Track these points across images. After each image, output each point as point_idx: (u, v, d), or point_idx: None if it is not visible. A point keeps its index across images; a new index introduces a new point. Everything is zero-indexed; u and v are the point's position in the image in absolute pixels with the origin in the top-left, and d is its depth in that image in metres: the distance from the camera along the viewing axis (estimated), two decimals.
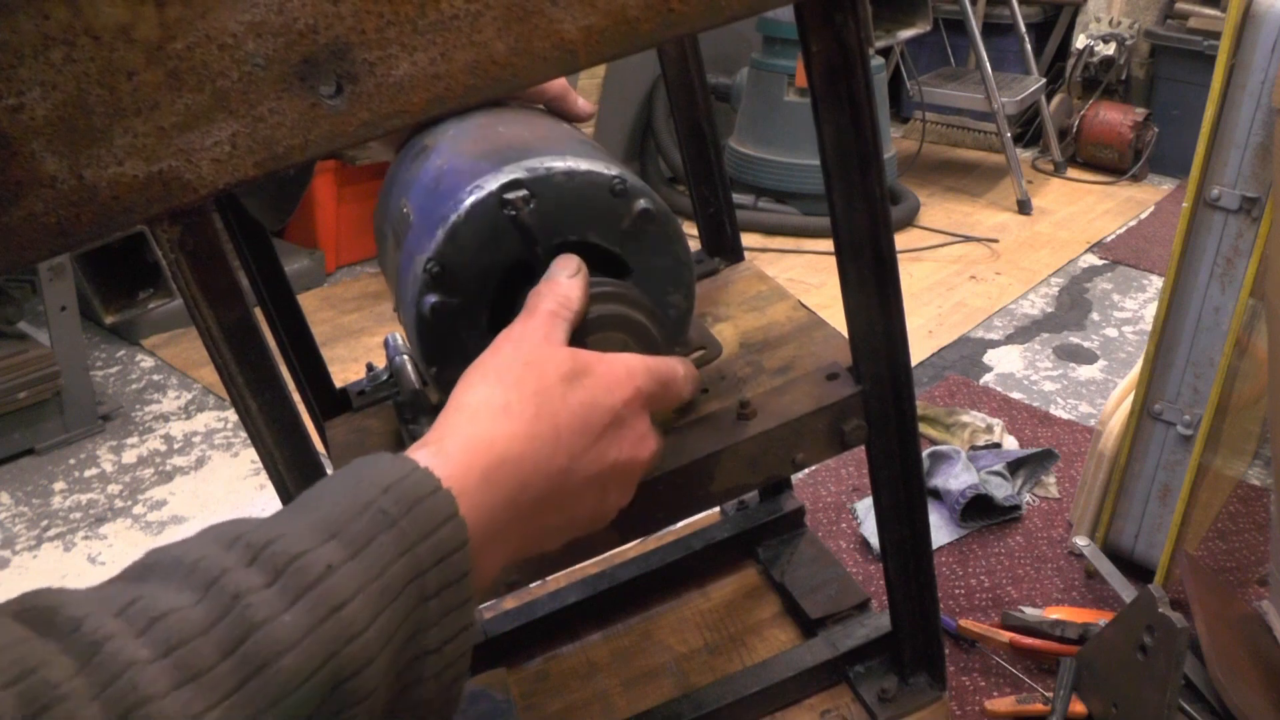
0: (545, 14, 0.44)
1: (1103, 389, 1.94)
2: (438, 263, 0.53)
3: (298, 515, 0.39)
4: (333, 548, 0.37)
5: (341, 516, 0.39)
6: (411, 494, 0.40)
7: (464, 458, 0.43)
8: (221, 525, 0.38)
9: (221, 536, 0.37)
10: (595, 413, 0.48)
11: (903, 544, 0.72)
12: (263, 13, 0.43)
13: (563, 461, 0.46)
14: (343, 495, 0.40)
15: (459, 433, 0.45)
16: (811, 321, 0.77)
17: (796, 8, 0.52)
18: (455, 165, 0.57)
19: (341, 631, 0.35)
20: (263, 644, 0.33)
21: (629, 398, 0.50)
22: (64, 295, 1.70)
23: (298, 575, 0.36)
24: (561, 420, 0.47)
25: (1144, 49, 3.34)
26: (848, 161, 0.57)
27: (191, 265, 0.50)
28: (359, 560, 0.37)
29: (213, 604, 0.34)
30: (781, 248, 2.63)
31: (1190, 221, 1.17)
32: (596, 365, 0.50)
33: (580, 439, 0.47)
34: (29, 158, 0.43)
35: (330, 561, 0.37)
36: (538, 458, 0.45)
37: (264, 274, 0.80)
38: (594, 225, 0.56)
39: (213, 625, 0.33)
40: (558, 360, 0.48)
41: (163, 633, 0.32)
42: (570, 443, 0.47)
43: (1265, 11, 1.08)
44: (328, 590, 0.36)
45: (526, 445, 0.45)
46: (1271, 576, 1.19)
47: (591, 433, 0.48)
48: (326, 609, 0.35)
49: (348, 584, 0.36)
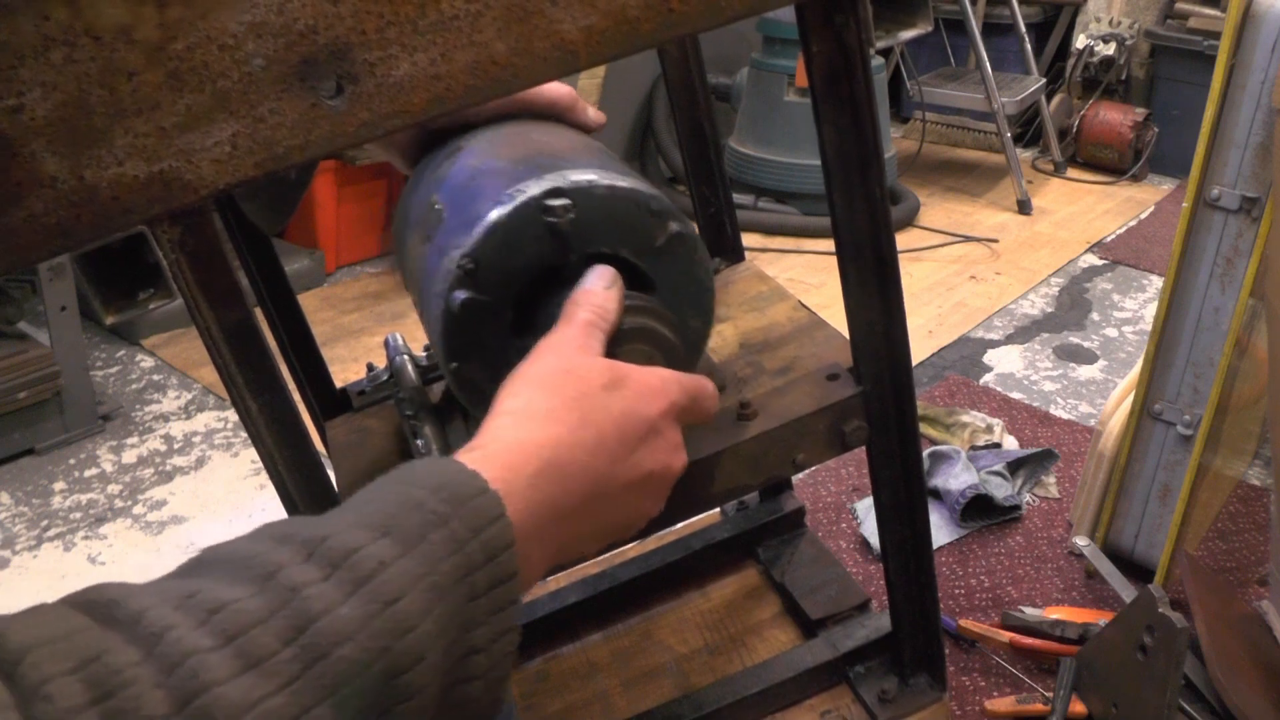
0: (545, 14, 0.44)
1: (1103, 389, 1.94)
2: (472, 259, 0.54)
3: (349, 514, 0.40)
4: (386, 544, 0.38)
5: (393, 515, 0.39)
6: (461, 494, 0.41)
7: (510, 460, 0.44)
8: (274, 524, 0.39)
9: (275, 534, 0.38)
10: (633, 421, 0.49)
11: (903, 544, 0.72)
12: (263, 13, 0.43)
13: (604, 467, 0.47)
14: (394, 495, 0.41)
15: (504, 436, 0.46)
16: (812, 322, 0.77)
17: (797, 8, 0.52)
18: (492, 167, 0.58)
19: (396, 625, 0.36)
20: (322, 634, 0.34)
21: (664, 409, 0.51)
22: (64, 295, 1.69)
23: (353, 570, 0.36)
24: (604, 427, 0.48)
25: (1144, 49, 3.34)
26: (848, 162, 0.57)
27: (192, 266, 0.50)
28: (411, 557, 0.38)
29: (271, 596, 0.34)
30: (781, 248, 2.63)
31: (1190, 221, 1.17)
32: (634, 375, 0.51)
33: (620, 446, 0.48)
34: (29, 158, 0.43)
35: (384, 558, 0.37)
36: (581, 462, 0.46)
37: (264, 274, 0.80)
38: (627, 241, 0.57)
39: (272, 615, 0.34)
40: (598, 369, 0.50)
41: (222, 623, 0.33)
42: (611, 449, 0.48)
43: (1265, 11, 1.08)
44: (382, 585, 0.36)
45: (571, 450, 0.46)
46: (1271, 576, 1.19)
47: (630, 440, 0.49)
48: (381, 603, 0.36)
49: (401, 579, 0.37)
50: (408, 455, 0.72)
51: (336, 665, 0.34)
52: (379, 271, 2.56)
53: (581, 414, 0.47)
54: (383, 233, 2.62)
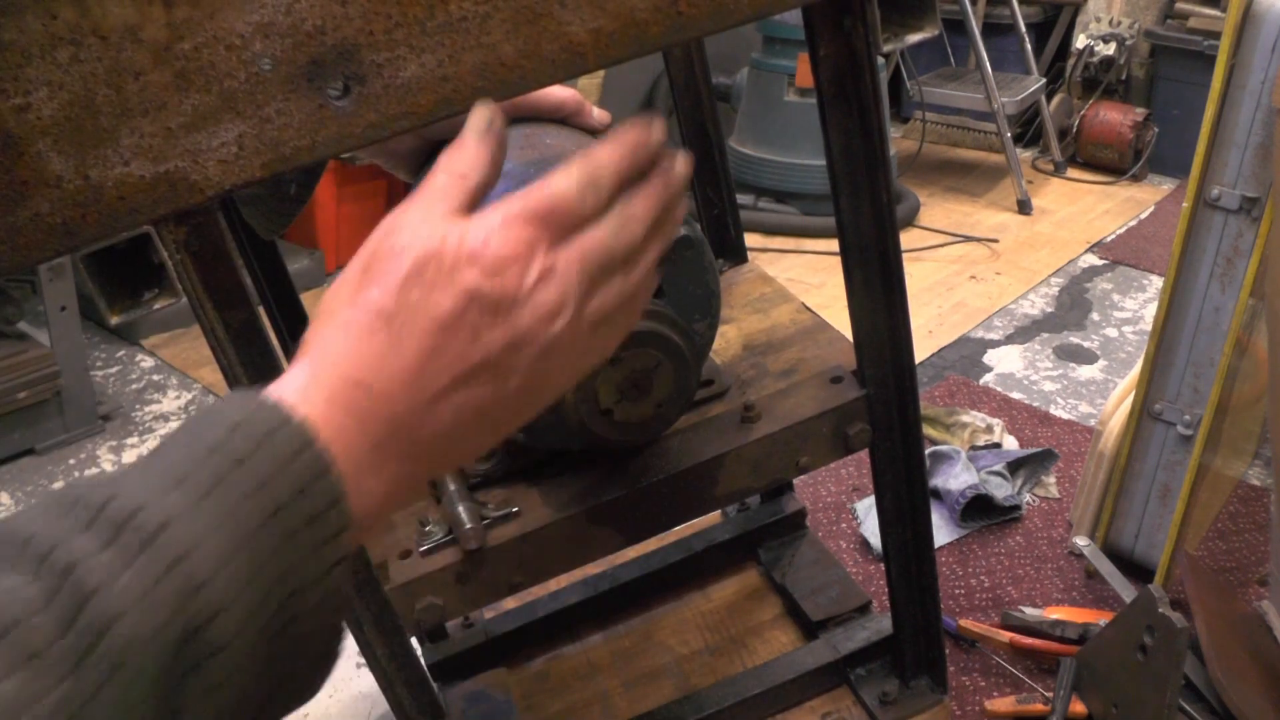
0: (554, 16, 0.44)
1: (1103, 389, 1.95)
2: None
3: (143, 467, 0.38)
4: (175, 498, 0.35)
5: (186, 463, 0.37)
6: (260, 429, 0.38)
7: (309, 387, 0.40)
8: (64, 487, 0.37)
9: (61, 500, 0.36)
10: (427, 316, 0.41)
11: (905, 546, 0.72)
12: (270, 14, 0.43)
13: (412, 367, 0.41)
14: (189, 441, 0.38)
15: (304, 363, 0.42)
16: (815, 324, 0.77)
17: (805, 11, 0.52)
18: (504, 169, 0.58)
19: (185, 583, 0.34)
20: (99, 612, 0.32)
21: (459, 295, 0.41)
22: (64, 295, 1.69)
23: (135, 532, 0.34)
24: (402, 326, 0.41)
25: (1144, 49, 3.34)
26: (855, 165, 0.57)
27: (197, 266, 0.50)
28: (203, 507, 0.36)
29: (47, 580, 0.32)
30: (782, 248, 2.63)
31: (1190, 221, 1.17)
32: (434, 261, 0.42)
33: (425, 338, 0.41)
34: (35, 157, 0.43)
35: (170, 513, 0.35)
36: (386, 370, 0.41)
37: (267, 274, 0.80)
38: None
39: (49, 602, 0.32)
40: (393, 267, 0.42)
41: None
42: (415, 345, 0.41)
43: (1265, 11, 1.08)
44: (168, 543, 0.34)
45: (371, 361, 0.41)
46: (1271, 576, 1.19)
47: (433, 331, 0.41)
48: (166, 563, 0.34)
49: (189, 533, 0.35)
50: None
51: (115, 641, 0.32)
52: None
53: (372, 318, 0.41)
54: None
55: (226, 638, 0.34)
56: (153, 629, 0.33)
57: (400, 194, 2.95)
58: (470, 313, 0.41)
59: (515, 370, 0.43)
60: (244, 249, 0.77)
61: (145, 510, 0.35)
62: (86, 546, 0.33)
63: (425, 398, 0.42)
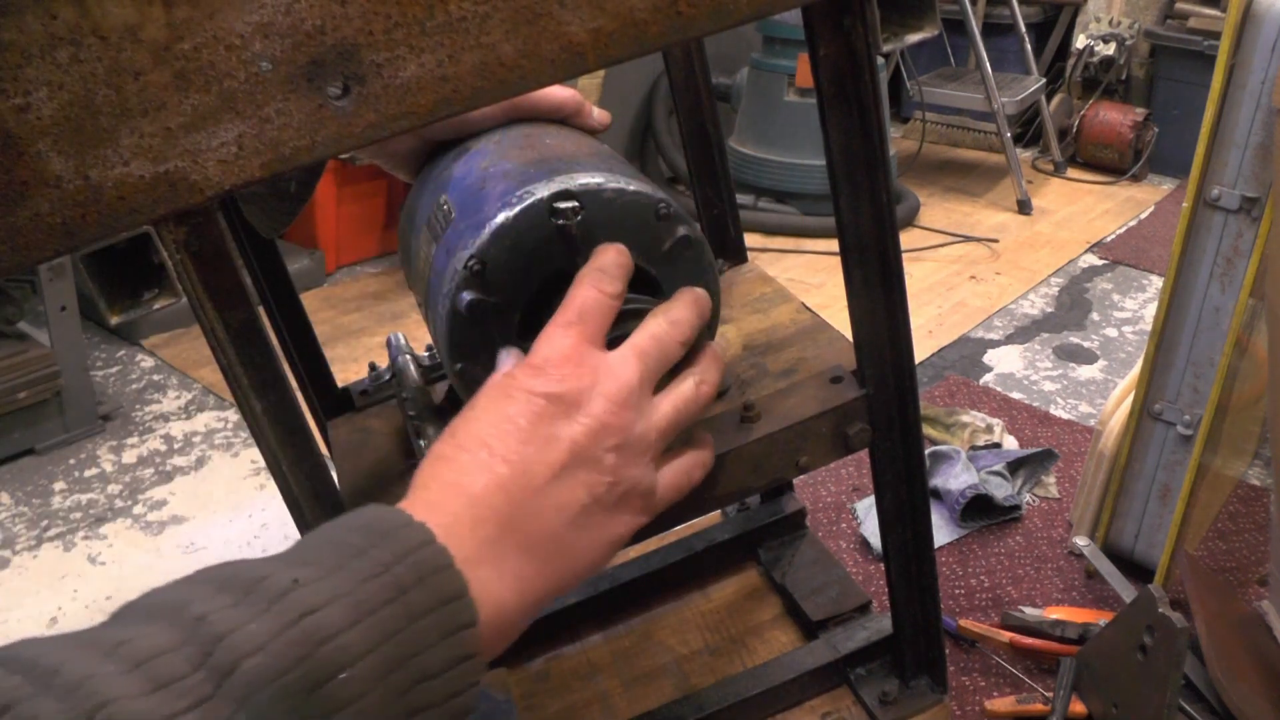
0: (553, 16, 0.44)
1: (1103, 389, 1.95)
2: (479, 260, 0.54)
3: (270, 558, 0.39)
4: (302, 570, 0.37)
5: (310, 551, 0.39)
6: (384, 527, 0.40)
7: (432, 498, 0.44)
8: (194, 573, 0.39)
9: (191, 579, 0.38)
10: (551, 448, 0.47)
11: (905, 547, 0.72)
12: (270, 14, 0.43)
13: (528, 497, 0.46)
14: (313, 539, 0.41)
15: (426, 478, 0.46)
16: (815, 324, 0.77)
17: (805, 11, 0.52)
18: (502, 169, 0.58)
19: (311, 634, 0.35)
20: (228, 649, 0.33)
21: (579, 434, 0.48)
22: (64, 295, 1.69)
23: (263, 590, 0.36)
24: (526, 461, 0.46)
25: (1144, 49, 3.34)
26: (855, 165, 0.57)
27: (197, 266, 0.50)
28: (329, 578, 0.37)
29: (181, 627, 0.34)
30: (781, 248, 2.63)
31: (1190, 221, 1.17)
32: (561, 400, 0.48)
33: (542, 471, 0.46)
34: (35, 158, 0.43)
35: (298, 577, 0.37)
36: (484, 475, 0.45)
37: (267, 274, 0.80)
38: (635, 244, 0.57)
39: (182, 644, 0.33)
40: (524, 397, 0.48)
41: (129, 652, 0.33)
42: (533, 479, 0.46)
43: (1265, 11, 1.08)
44: (297, 600, 0.36)
45: (469, 470, 0.45)
46: (1271, 576, 1.19)
47: (551, 467, 0.47)
48: (295, 614, 0.35)
49: (317, 595, 0.36)
50: (410, 455, 0.72)
51: (245, 676, 0.33)
52: (379, 271, 2.55)
53: (504, 444, 0.46)
54: (383, 233, 2.62)
55: (350, 696, 0.35)
56: (280, 668, 0.34)
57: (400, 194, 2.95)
58: (546, 410, 0.47)
59: (599, 459, 0.48)
60: (244, 249, 0.77)
61: (273, 576, 0.37)
62: (220, 602, 0.35)
63: (524, 490, 0.45)
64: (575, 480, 0.47)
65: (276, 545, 1.51)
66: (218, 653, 0.33)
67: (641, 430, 0.49)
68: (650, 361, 0.51)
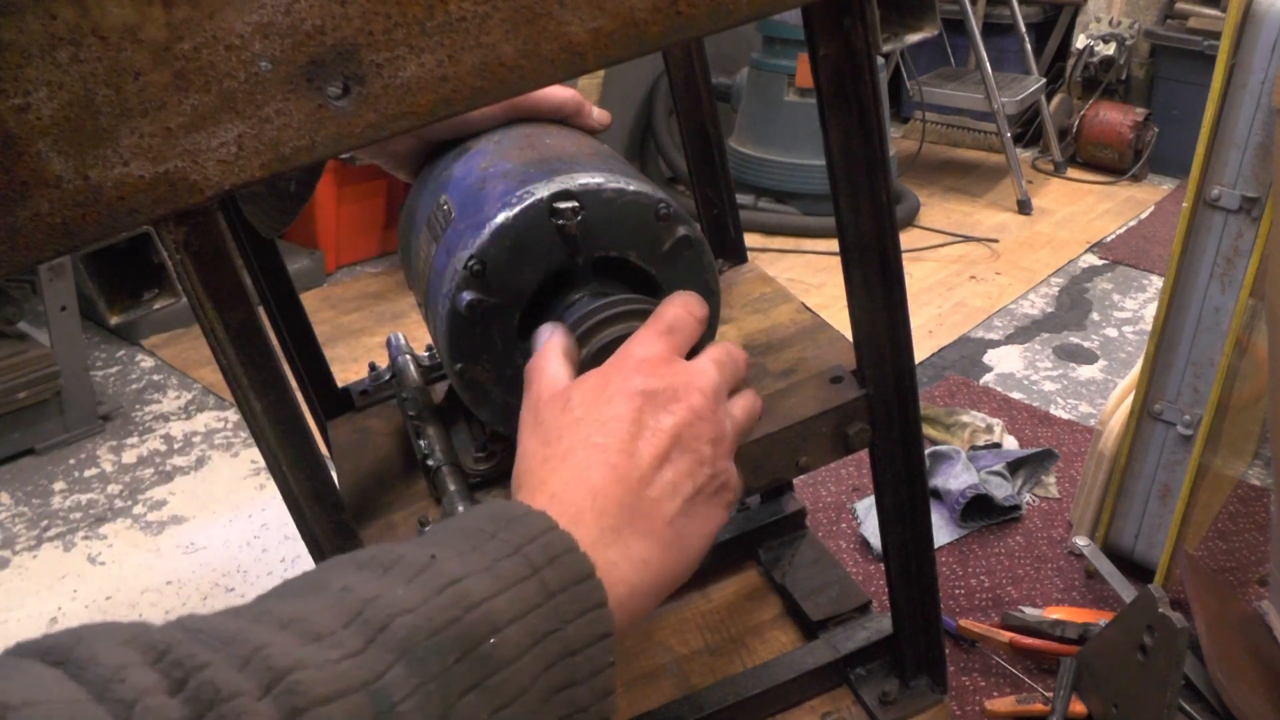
0: (553, 16, 0.44)
1: (1103, 389, 1.95)
2: (479, 260, 0.54)
3: (397, 544, 0.40)
4: (438, 549, 0.38)
5: (439, 540, 0.40)
6: (508, 513, 0.42)
7: (560, 491, 0.46)
8: (320, 565, 0.40)
9: (319, 567, 0.39)
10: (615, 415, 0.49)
11: (905, 546, 0.72)
12: (270, 14, 0.43)
13: (619, 458, 0.47)
14: (441, 527, 0.42)
15: (555, 474, 0.47)
16: (815, 324, 0.77)
17: (804, 11, 0.52)
18: (502, 169, 0.58)
19: (461, 599, 0.36)
20: (379, 610, 0.34)
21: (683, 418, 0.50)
22: (64, 295, 1.69)
23: (404, 566, 0.37)
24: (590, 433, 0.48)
25: (1144, 49, 3.34)
26: (855, 165, 0.57)
27: (197, 266, 0.50)
28: (466, 555, 0.38)
29: (326, 597, 0.35)
30: (782, 248, 2.63)
31: (1190, 221, 1.17)
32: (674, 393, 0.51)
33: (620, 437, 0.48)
34: (35, 158, 0.43)
35: (435, 553, 0.37)
36: (598, 468, 0.47)
37: (267, 274, 0.80)
38: (635, 244, 0.57)
39: (330, 607, 0.34)
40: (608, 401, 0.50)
41: (276, 617, 0.33)
42: (643, 468, 0.48)
43: (1265, 11, 1.08)
44: (439, 571, 0.36)
45: (619, 472, 0.47)
46: (1271, 576, 1.19)
47: (653, 461, 0.49)
48: (441, 583, 0.36)
49: (458, 567, 0.37)
50: (410, 455, 0.72)
51: (400, 631, 0.34)
52: (379, 271, 2.55)
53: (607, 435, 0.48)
54: (383, 233, 2.62)
55: (505, 659, 0.36)
56: (433, 628, 0.34)
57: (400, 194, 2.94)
58: (647, 405, 0.49)
59: (699, 450, 0.50)
60: (244, 249, 0.77)
61: (410, 555, 0.38)
62: (362, 577, 0.36)
63: (639, 480, 0.47)
64: (680, 467, 0.49)
65: (276, 545, 1.51)
66: (368, 611, 0.34)
67: (729, 428, 0.52)
68: (726, 371, 0.54)
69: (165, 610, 1.37)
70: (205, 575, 1.45)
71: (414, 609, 0.35)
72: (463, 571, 0.37)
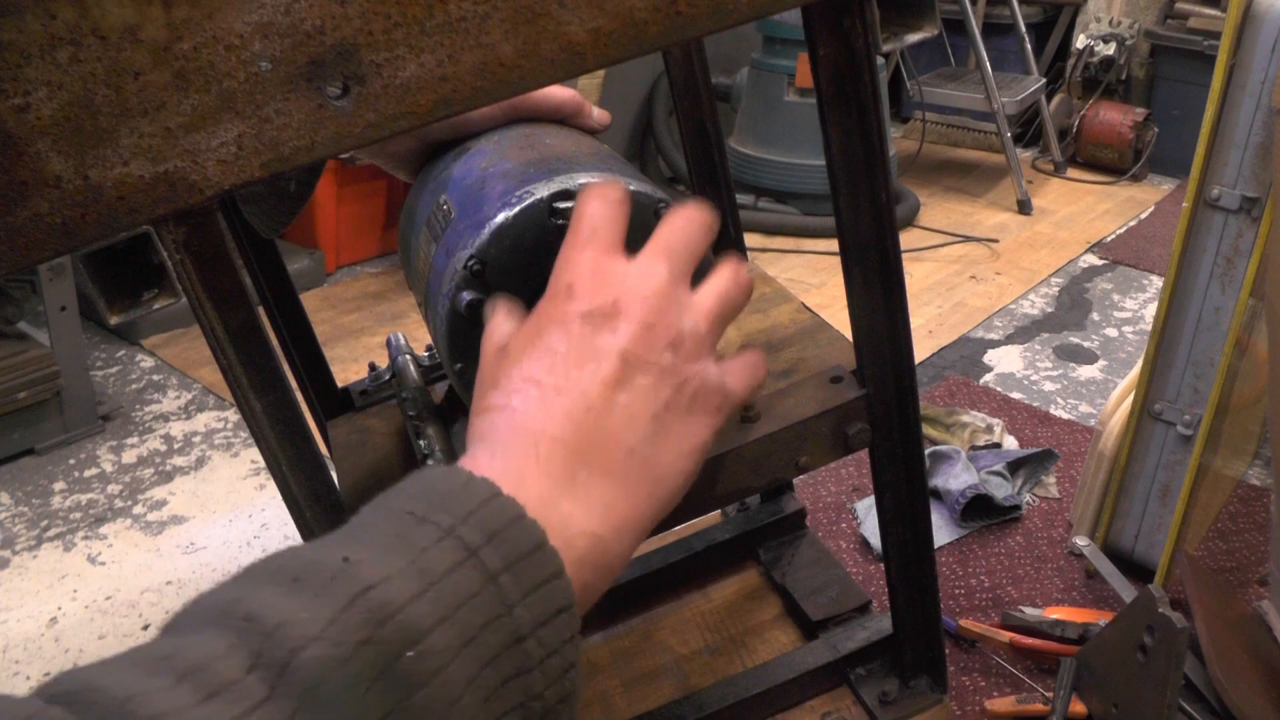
0: (553, 16, 0.44)
1: (1103, 389, 1.95)
2: (479, 260, 0.54)
3: (317, 542, 0.37)
4: (354, 548, 0.35)
5: (364, 527, 0.37)
6: (441, 487, 0.38)
7: (502, 444, 0.42)
8: (238, 573, 0.36)
9: (235, 577, 0.35)
10: (544, 344, 0.45)
11: (904, 547, 0.72)
12: (270, 14, 0.43)
13: (556, 394, 0.43)
14: (368, 513, 0.38)
15: (494, 427, 0.43)
16: (815, 324, 0.77)
17: (804, 11, 0.52)
18: (502, 169, 0.59)
19: (376, 611, 0.32)
20: (280, 645, 0.31)
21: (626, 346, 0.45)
22: (64, 295, 1.69)
23: (315, 573, 0.33)
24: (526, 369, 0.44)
25: (1144, 49, 3.34)
26: (854, 165, 0.57)
27: (196, 266, 0.50)
28: (386, 553, 0.34)
29: (228, 630, 0.32)
30: (781, 248, 2.63)
31: (1190, 221, 1.17)
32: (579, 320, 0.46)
33: (551, 369, 0.44)
34: (34, 158, 0.43)
35: (347, 555, 0.34)
36: (533, 406, 0.43)
37: (267, 274, 0.80)
38: (635, 244, 0.57)
39: (231, 648, 0.31)
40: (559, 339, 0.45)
41: (176, 664, 0.30)
42: (544, 378, 0.44)
43: (1265, 11, 1.08)
44: (351, 578, 0.33)
45: (564, 409, 0.43)
46: (1271, 576, 1.19)
47: (549, 358, 0.44)
48: (350, 594, 0.32)
49: (374, 571, 0.33)
50: (410, 455, 0.72)
51: (306, 667, 0.30)
52: (379, 271, 2.55)
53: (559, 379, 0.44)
54: (383, 233, 2.62)
55: (431, 670, 0.33)
56: (340, 657, 0.31)
57: (400, 194, 2.94)
58: (584, 329, 0.44)
59: (655, 361, 0.45)
60: (244, 249, 0.77)
61: (323, 559, 0.34)
62: (266, 595, 0.33)
63: (586, 413, 0.43)
64: (636, 389, 0.44)
65: (276, 545, 1.51)
66: (268, 650, 0.31)
67: (691, 324, 0.47)
68: (678, 257, 0.48)
69: (165, 610, 1.37)
70: (205, 575, 1.45)
71: (321, 634, 0.31)
72: (379, 575, 0.33)
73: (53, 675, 0.32)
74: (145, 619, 1.36)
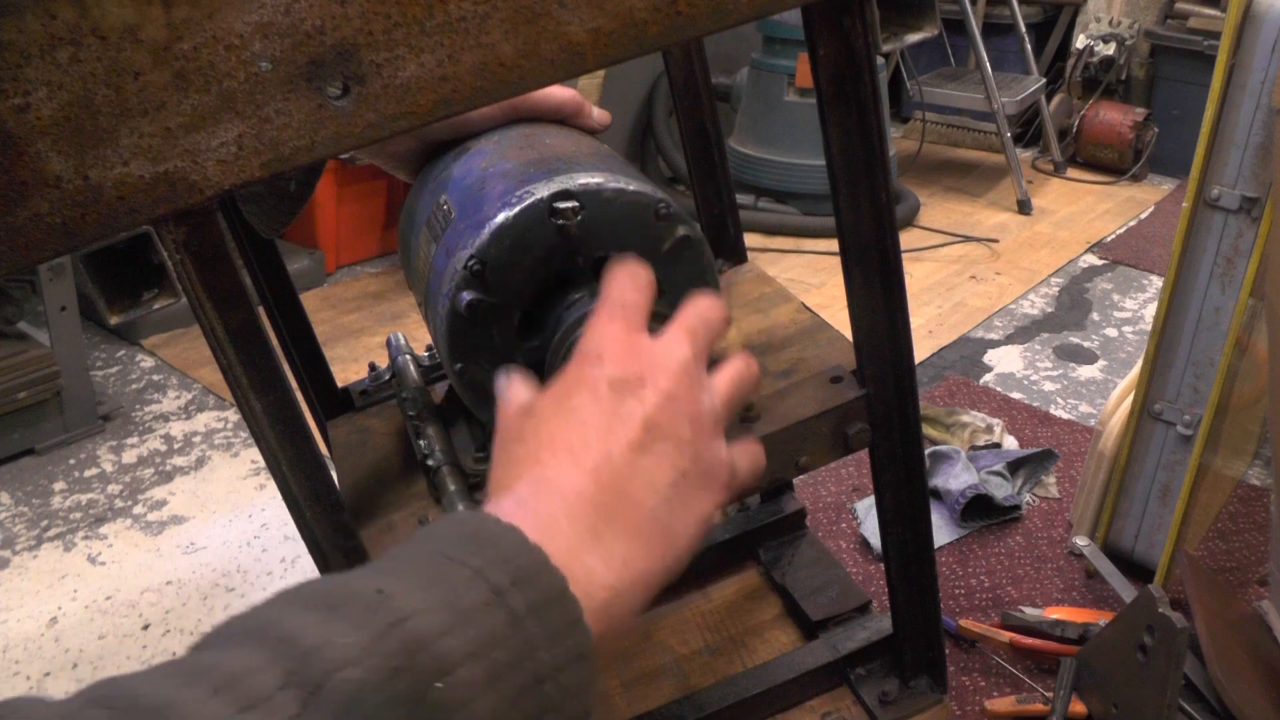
0: (553, 16, 0.44)
1: (1103, 389, 1.95)
2: (479, 260, 0.54)
3: (351, 573, 0.38)
4: (389, 581, 0.36)
5: (393, 563, 0.38)
6: (472, 530, 0.39)
7: (530, 496, 0.44)
8: (271, 598, 0.37)
9: (269, 601, 0.37)
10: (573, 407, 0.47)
11: (904, 547, 0.72)
12: (270, 14, 0.43)
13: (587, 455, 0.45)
14: (401, 550, 0.39)
15: (523, 479, 0.45)
16: (815, 324, 0.77)
17: (804, 11, 0.52)
18: (502, 169, 0.59)
19: (409, 642, 0.33)
20: (317, 665, 0.32)
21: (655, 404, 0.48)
22: (64, 295, 1.69)
23: (353, 602, 0.34)
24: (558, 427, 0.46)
25: (1144, 49, 3.34)
26: (854, 165, 0.57)
27: (196, 266, 0.50)
28: (420, 588, 0.36)
29: (266, 647, 0.33)
30: (781, 248, 2.63)
31: (1190, 221, 1.17)
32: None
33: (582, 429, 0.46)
34: (34, 158, 0.43)
35: (384, 588, 0.35)
36: (563, 464, 0.45)
37: (267, 274, 0.80)
38: (635, 244, 0.57)
39: (269, 663, 0.32)
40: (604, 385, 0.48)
41: (213, 676, 0.31)
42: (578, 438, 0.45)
43: (1265, 11, 1.08)
44: (387, 609, 0.34)
45: (591, 470, 0.45)
46: (1271, 576, 1.19)
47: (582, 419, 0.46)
48: (386, 623, 0.34)
49: (408, 603, 0.35)
50: (410, 455, 0.72)
51: (338, 690, 0.31)
52: (379, 271, 2.55)
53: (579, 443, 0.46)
54: (383, 233, 2.62)
55: (459, 702, 0.34)
56: (376, 683, 0.32)
57: (400, 194, 2.94)
58: (612, 395, 0.47)
59: (676, 432, 0.47)
60: (244, 249, 0.77)
61: (361, 591, 0.35)
62: (306, 619, 0.34)
63: (611, 472, 0.45)
64: (657, 455, 0.46)
65: (276, 545, 1.51)
66: (305, 669, 0.32)
67: (708, 404, 0.49)
68: (699, 338, 0.51)
69: (165, 610, 1.37)
70: (205, 575, 1.45)
71: (357, 660, 0.32)
72: (414, 607, 0.35)
73: (52, 674, 0.32)
74: (145, 619, 1.36)
